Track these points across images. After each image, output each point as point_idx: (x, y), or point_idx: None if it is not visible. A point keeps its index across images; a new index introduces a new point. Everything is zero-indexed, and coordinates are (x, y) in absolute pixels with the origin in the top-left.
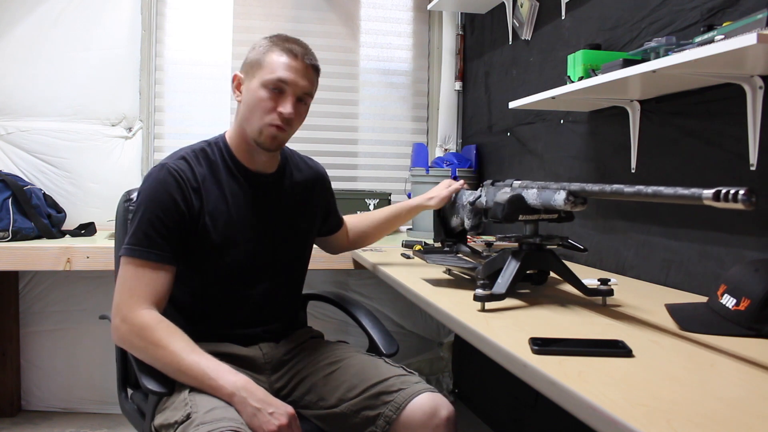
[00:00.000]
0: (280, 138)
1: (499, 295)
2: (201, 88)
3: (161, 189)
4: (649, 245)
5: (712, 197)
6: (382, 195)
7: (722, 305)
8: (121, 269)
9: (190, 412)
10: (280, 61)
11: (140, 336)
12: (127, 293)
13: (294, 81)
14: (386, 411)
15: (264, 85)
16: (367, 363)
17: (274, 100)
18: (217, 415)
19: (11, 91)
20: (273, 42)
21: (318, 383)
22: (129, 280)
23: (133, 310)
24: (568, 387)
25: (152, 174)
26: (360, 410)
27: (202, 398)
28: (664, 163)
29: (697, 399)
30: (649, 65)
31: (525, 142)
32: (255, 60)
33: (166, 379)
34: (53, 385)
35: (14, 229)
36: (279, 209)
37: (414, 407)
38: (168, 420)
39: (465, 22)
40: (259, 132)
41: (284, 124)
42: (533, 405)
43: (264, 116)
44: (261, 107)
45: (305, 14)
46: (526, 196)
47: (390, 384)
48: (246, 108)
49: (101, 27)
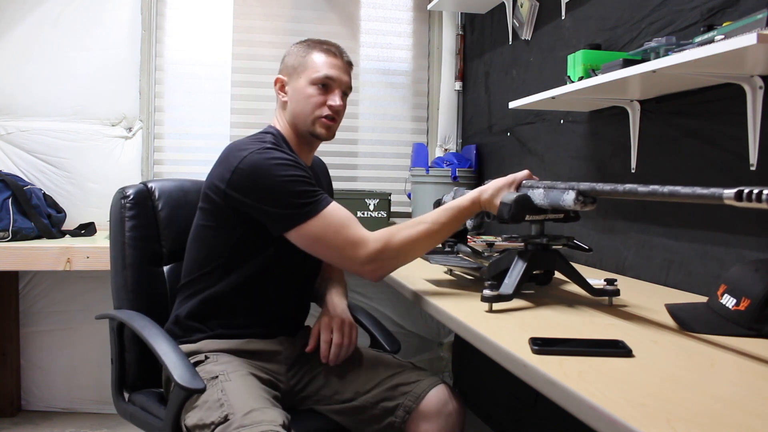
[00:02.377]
0: (334, 128)
1: (507, 296)
2: (201, 88)
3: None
4: (649, 245)
5: (734, 197)
6: (382, 195)
7: (722, 305)
8: (310, 237)
9: (228, 413)
10: (324, 60)
11: (390, 256)
12: (343, 240)
13: (339, 77)
14: (405, 401)
15: (313, 83)
16: (378, 357)
17: (323, 95)
18: (255, 417)
19: (11, 91)
20: (310, 45)
21: (332, 378)
22: (329, 234)
23: (361, 247)
24: (568, 387)
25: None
26: (379, 402)
27: (236, 398)
28: (664, 163)
29: (697, 399)
30: (649, 65)
31: (525, 142)
32: (297, 62)
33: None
34: (53, 385)
35: (14, 229)
36: None
37: (430, 397)
38: (203, 420)
39: (465, 22)
40: (312, 124)
41: (335, 114)
42: (533, 405)
43: (315, 110)
44: (312, 102)
45: (305, 14)
46: (532, 196)
47: (407, 376)
48: (296, 105)
49: (101, 27)
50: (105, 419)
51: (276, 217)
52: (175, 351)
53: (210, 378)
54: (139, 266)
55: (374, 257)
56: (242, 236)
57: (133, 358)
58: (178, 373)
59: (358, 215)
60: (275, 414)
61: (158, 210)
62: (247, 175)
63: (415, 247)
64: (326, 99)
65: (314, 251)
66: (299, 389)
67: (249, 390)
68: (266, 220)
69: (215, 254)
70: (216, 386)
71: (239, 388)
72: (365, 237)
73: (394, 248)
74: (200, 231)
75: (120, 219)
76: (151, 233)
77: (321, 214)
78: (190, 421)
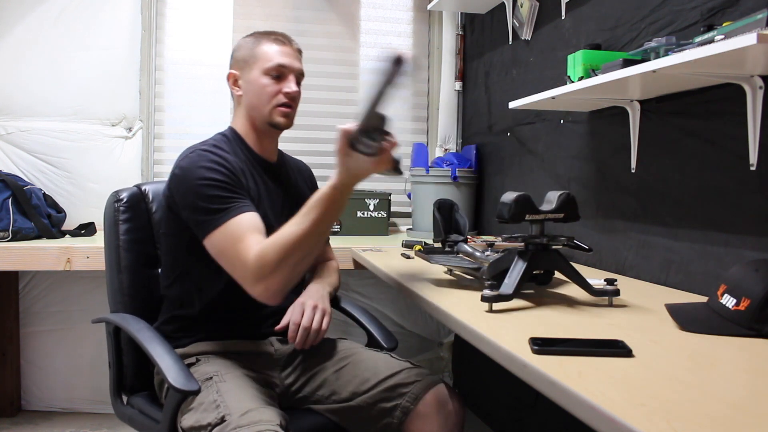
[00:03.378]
0: (291, 115)
1: (507, 296)
2: (201, 88)
3: (206, 159)
4: (649, 245)
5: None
6: (382, 195)
7: (722, 305)
8: (214, 250)
9: (224, 414)
10: (276, 49)
11: (270, 272)
12: (234, 257)
13: (291, 64)
14: (403, 402)
15: (266, 73)
16: (376, 357)
17: (277, 84)
18: (253, 417)
19: (11, 91)
20: (258, 36)
21: (329, 378)
22: (227, 249)
23: (246, 266)
24: (568, 387)
25: (198, 161)
26: (376, 402)
27: (232, 398)
28: (664, 163)
29: (697, 399)
30: (649, 65)
31: (525, 142)
32: (248, 54)
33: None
34: (53, 385)
35: (14, 229)
36: (286, 196)
37: (428, 398)
38: (200, 422)
39: (465, 22)
40: (270, 114)
41: (291, 101)
42: (533, 405)
43: (272, 99)
44: (267, 92)
45: (305, 14)
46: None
47: (405, 376)
48: (252, 97)
49: (101, 27)
50: (105, 419)
51: (193, 223)
52: (170, 353)
53: (204, 379)
54: (134, 269)
55: (257, 276)
56: (190, 242)
57: (130, 361)
58: (172, 376)
59: (358, 215)
60: (272, 413)
61: (152, 212)
62: (177, 177)
63: (294, 255)
64: (281, 87)
65: (223, 267)
66: (296, 389)
67: (244, 390)
68: (191, 225)
69: (177, 262)
70: (211, 387)
71: (234, 389)
72: (248, 255)
73: (270, 263)
74: (161, 240)
75: (114, 222)
76: (146, 236)
77: (226, 224)
78: (186, 423)
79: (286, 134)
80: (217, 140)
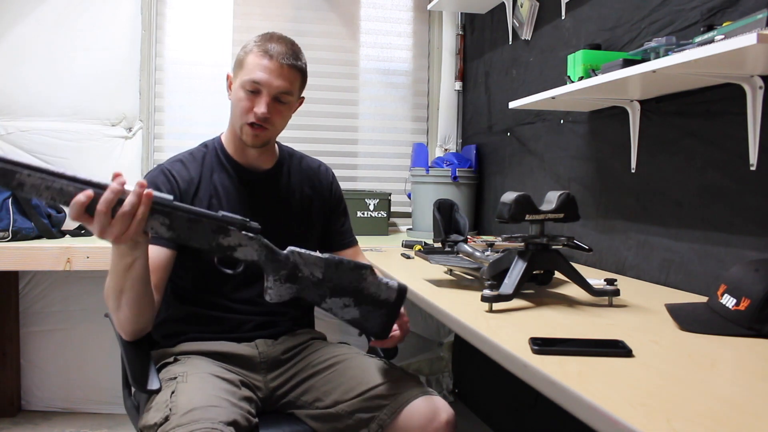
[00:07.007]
0: (262, 136)
1: (507, 296)
2: (201, 88)
3: (152, 185)
4: (649, 245)
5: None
6: (382, 195)
7: (722, 305)
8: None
9: (169, 414)
10: (256, 62)
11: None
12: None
13: (268, 82)
14: (381, 415)
15: (242, 86)
16: (366, 365)
17: (251, 101)
18: (194, 416)
19: (11, 91)
20: (256, 42)
21: (316, 384)
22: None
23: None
24: (568, 387)
25: (147, 176)
26: (354, 412)
27: (183, 398)
28: (664, 163)
29: (697, 399)
30: (649, 65)
31: (525, 142)
32: (239, 60)
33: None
34: (53, 385)
35: (14, 229)
36: (273, 205)
37: (410, 412)
38: (149, 421)
39: (465, 22)
40: (240, 130)
41: (263, 123)
42: (533, 405)
43: (243, 116)
44: (240, 107)
45: (305, 14)
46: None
47: (387, 388)
48: (232, 107)
49: (101, 27)
50: (105, 419)
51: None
52: (138, 352)
53: (168, 379)
54: None
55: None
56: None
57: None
58: (132, 374)
59: (358, 215)
60: (218, 412)
61: None
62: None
63: (108, 303)
64: (253, 104)
65: None
66: (282, 393)
67: (203, 390)
68: None
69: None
70: (169, 387)
71: (192, 389)
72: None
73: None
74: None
75: None
76: None
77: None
78: (141, 422)
79: (286, 134)
80: (190, 153)
